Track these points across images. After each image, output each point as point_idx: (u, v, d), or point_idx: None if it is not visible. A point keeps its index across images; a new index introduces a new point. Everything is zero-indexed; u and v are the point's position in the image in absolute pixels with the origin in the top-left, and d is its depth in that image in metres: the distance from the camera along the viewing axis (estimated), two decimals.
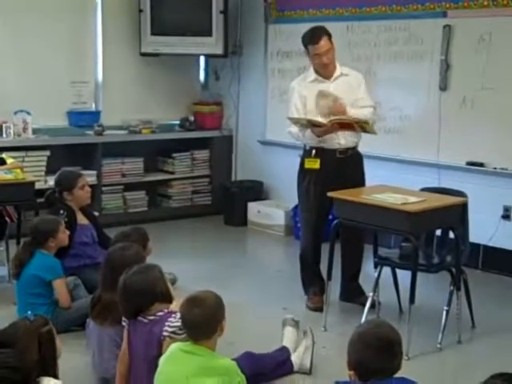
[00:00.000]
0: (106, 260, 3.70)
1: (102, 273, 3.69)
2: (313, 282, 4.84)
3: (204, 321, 2.90)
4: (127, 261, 3.49)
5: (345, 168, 4.69)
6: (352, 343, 2.48)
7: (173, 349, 3.00)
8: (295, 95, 4.75)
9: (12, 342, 2.55)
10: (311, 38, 4.63)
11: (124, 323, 3.31)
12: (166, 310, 3.24)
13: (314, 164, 4.71)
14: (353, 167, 4.78)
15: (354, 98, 4.67)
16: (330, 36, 4.63)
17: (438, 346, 4.13)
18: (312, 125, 4.56)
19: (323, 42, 4.59)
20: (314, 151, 4.70)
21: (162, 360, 3.02)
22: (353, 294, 4.83)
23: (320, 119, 4.53)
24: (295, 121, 4.69)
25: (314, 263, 4.85)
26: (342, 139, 4.66)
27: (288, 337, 3.86)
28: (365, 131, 4.59)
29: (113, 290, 3.40)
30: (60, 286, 4.24)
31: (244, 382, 2.97)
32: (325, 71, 4.69)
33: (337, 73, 4.72)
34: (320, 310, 4.56)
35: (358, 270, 4.88)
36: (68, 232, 4.42)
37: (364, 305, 4.33)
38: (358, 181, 4.75)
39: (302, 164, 4.81)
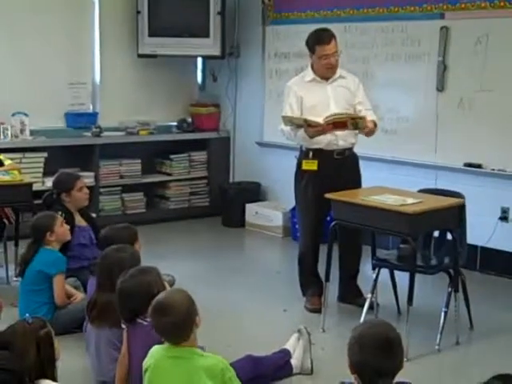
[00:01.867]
0: (101, 262, 3.66)
1: (97, 275, 3.67)
2: (311, 283, 4.84)
3: (177, 328, 2.85)
4: (123, 263, 3.48)
5: (342, 169, 4.69)
6: (350, 346, 2.46)
7: (158, 357, 2.93)
8: (291, 95, 4.74)
9: (10, 344, 2.55)
10: (321, 38, 4.61)
11: (123, 325, 3.30)
12: None
13: (312, 165, 4.70)
14: (350, 168, 4.77)
15: (351, 100, 4.69)
16: (336, 38, 4.64)
17: (437, 347, 4.13)
18: (307, 125, 4.56)
19: (333, 43, 4.60)
20: (311, 153, 4.70)
21: (149, 372, 2.94)
22: (351, 295, 4.83)
23: (316, 119, 4.52)
24: (289, 119, 4.67)
25: (312, 264, 4.84)
26: (339, 140, 4.66)
27: (291, 341, 3.82)
28: (357, 128, 4.56)
29: (109, 292, 3.39)
30: (58, 282, 4.21)
31: (234, 376, 2.92)
32: (330, 72, 4.68)
33: (336, 75, 4.72)
34: (318, 311, 4.56)
35: (356, 272, 4.88)
36: (68, 226, 4.41)
37: (362, 306, 4.33)
38: (355, 182, 4.75)
39: (299, 165, 4.80)
